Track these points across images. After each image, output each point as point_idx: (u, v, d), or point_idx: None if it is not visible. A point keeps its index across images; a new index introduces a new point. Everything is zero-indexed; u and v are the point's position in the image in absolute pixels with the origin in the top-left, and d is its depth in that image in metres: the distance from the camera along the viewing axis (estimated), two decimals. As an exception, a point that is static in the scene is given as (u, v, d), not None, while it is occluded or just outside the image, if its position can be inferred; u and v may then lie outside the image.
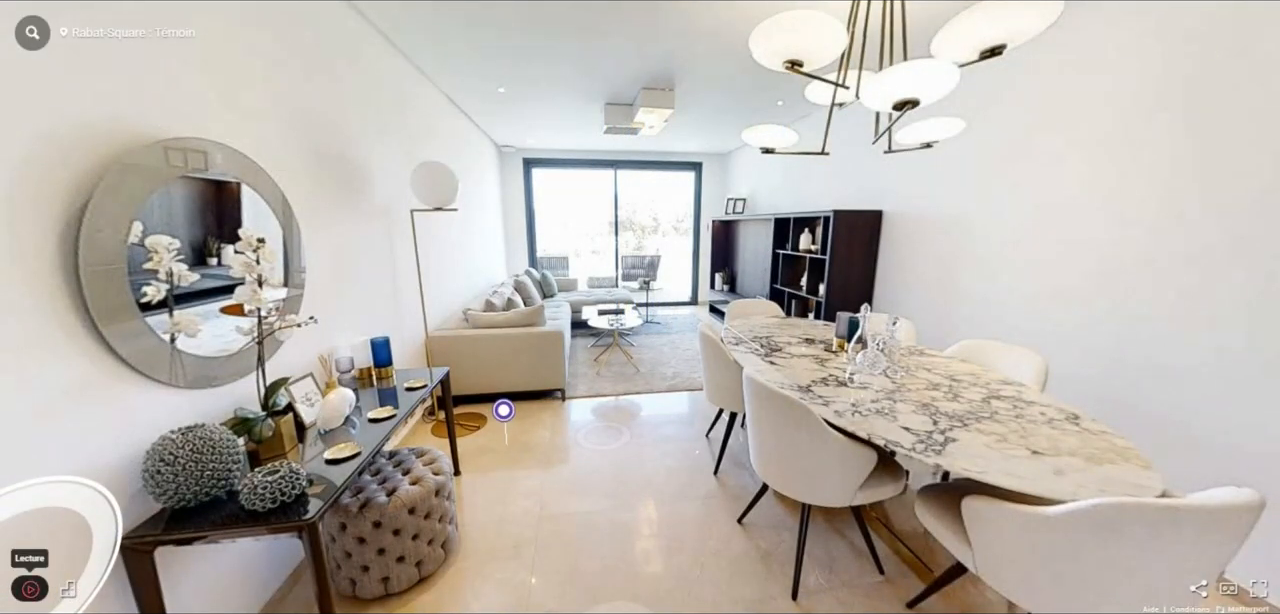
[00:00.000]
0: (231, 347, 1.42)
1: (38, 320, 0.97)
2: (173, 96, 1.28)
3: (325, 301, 1.98)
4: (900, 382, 1.76)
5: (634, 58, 3.07)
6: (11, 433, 0.93)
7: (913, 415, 1.46)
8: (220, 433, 1.19)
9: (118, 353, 1.10)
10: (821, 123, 4.34)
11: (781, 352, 2.20)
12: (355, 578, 1.59)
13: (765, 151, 1.86)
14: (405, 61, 3.03)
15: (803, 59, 1.28)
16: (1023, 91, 2.42)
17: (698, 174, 7.25)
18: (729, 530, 2.01)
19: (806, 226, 4.35)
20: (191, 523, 1.12)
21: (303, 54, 1.91)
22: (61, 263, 1.00)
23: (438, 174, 2.73)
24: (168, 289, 1.15)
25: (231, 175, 1.45)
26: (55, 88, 1.00)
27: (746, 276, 6.18)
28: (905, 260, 3.39)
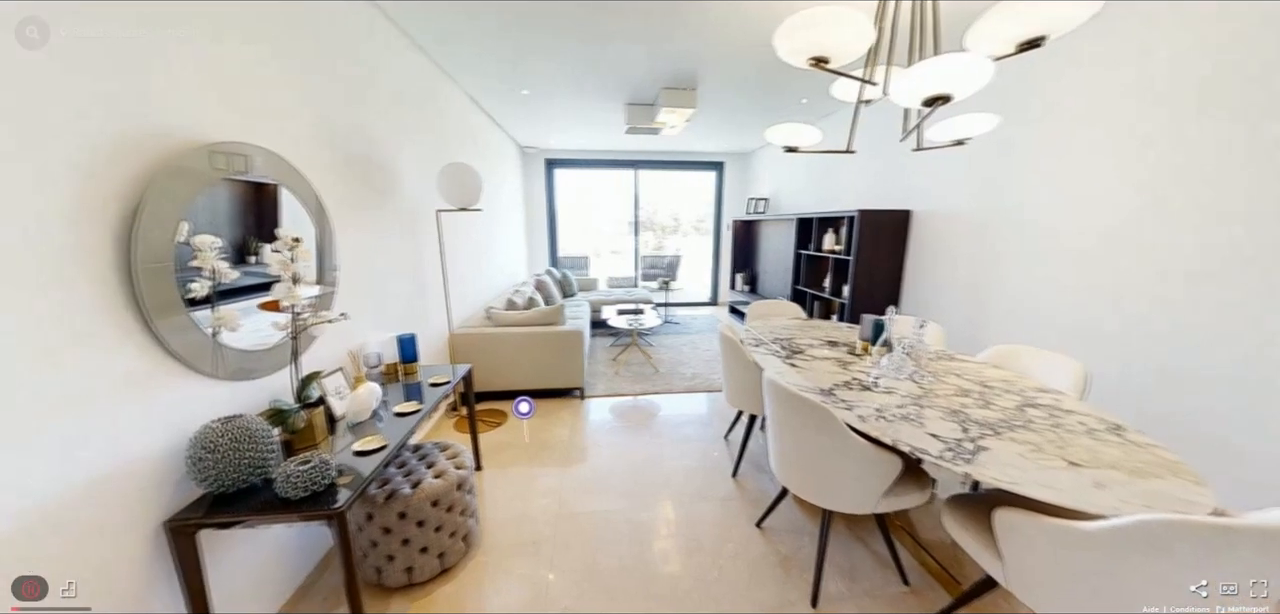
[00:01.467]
0: (268, 341, 1.49)
1: (98, 315, 1.04)
2: (216, 102, 1.35)
3: (355, 299, 2.05)
4: (928, 387, 1.70)
5: (656, 58, 3.07)
6: (77, 418, 1.00)
7: (941, 422, 1.41)
8: (257, 423, 1.25)
9: (166, 346, 1.17)
10: (847, 120, 4.24)
11: (803, 354, 2.16)
12: (381, 567, 1.65)
13: (788, 150, 1.83)
14: (432, 66, 3.11)
15: (828, 56, 1.26)
16: (1063, 85, 2.31)
17: (719, 174, 7.19)
18: (747, 533, 1.99)
19: (830, 227, 4.26)
20: (231, 508, 1.18)
21: (336, 61, 1.98)
22: (117, 261, 1.07)
23: (463, 175, 2.80)
24: (211, 286, 1.21)
25: (270, 177, 1.51)
26: (113, 96, 1.07)
27: (767, 277, 6.09)
28: (934, 261, 3.28)
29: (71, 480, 0.99)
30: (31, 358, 0.92)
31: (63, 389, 0.98)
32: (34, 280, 0.92)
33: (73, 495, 0.99)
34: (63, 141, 0.97)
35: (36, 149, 0.92)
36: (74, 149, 0.99)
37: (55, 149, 0.95)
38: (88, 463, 1.02)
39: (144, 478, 1.14)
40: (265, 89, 1.56)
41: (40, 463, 0.94)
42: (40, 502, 0.93)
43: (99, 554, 1.04)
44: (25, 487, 0.91)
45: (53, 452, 0.96)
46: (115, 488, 1.08)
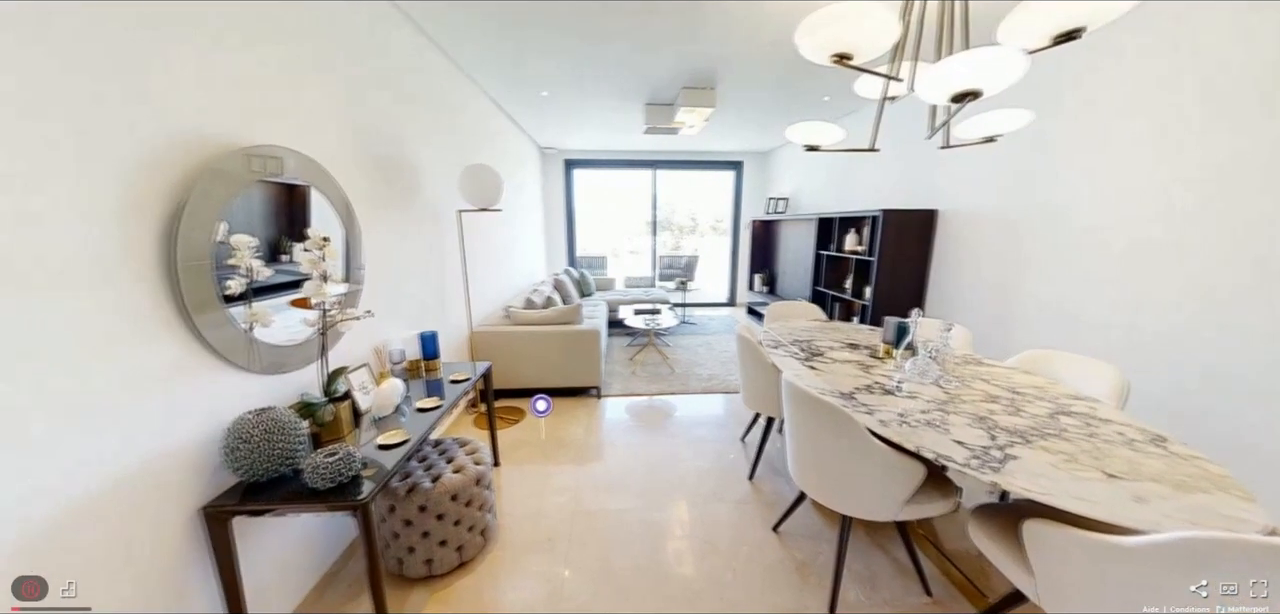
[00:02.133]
0: (298, 337, 1.54)
1: (144, 310, 1.10)
2: (251, 107, 1.41)
3: (380, 297, 2.11)
4: (954, 392, 1.65)
5: (676, 57, 3.07)
6: (126, 406, 1.06)
7: (967, 429, 1.36)
8: (288, 415, 1.29)
9: (205, 340, 1.23)
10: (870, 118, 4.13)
11: (822, 356, 2.12)
12: (402, 558, 1.69)
13: (809, 149, 1.80)
14: (456, 69, 3.17)
15: (852, 52, 1.23)
16: (1103, 78, 2.20)
17: (738, 173, 7.12)
18: (763, 537, 1.96)
19: (852, 227, 4.17)
20: (262, 496, 1.23)
21: (365, 65, 2.04)
22: (161, 259, 1.13)
23: (483, 176, 2.84)
24: (247, 283, 1.26)
25: (301, 179, 1.57)
26: (157, 104, 1.13)
27: (786, 278, 6.00)
28: (961, 263, 3.18)
29: (125, 463, 1.05)
30: (87, 349, 0.98)
31: (116, 379, 1.04)
32: (89, 277, 0.98)
33: (126, 478, 1.05)
34: (115, 148, 1.02)
35: (95, 158, 0.98)
36: (125, 155, 1.04)
37: (109, 156, 1.01)
38: (139, 447, 1.08)
39: (184, 465, 1.19)
40: (298, 94, 1.61)
41: (99, 446, 1.00)
42: (97, 484, 0.99)
43: (142, 537, 1.10)
44: (83, 469, 0.97)
45: (110, 435, 1.02)
46: (159, 473, 1.13)
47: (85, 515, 0.98)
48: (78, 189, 0.96)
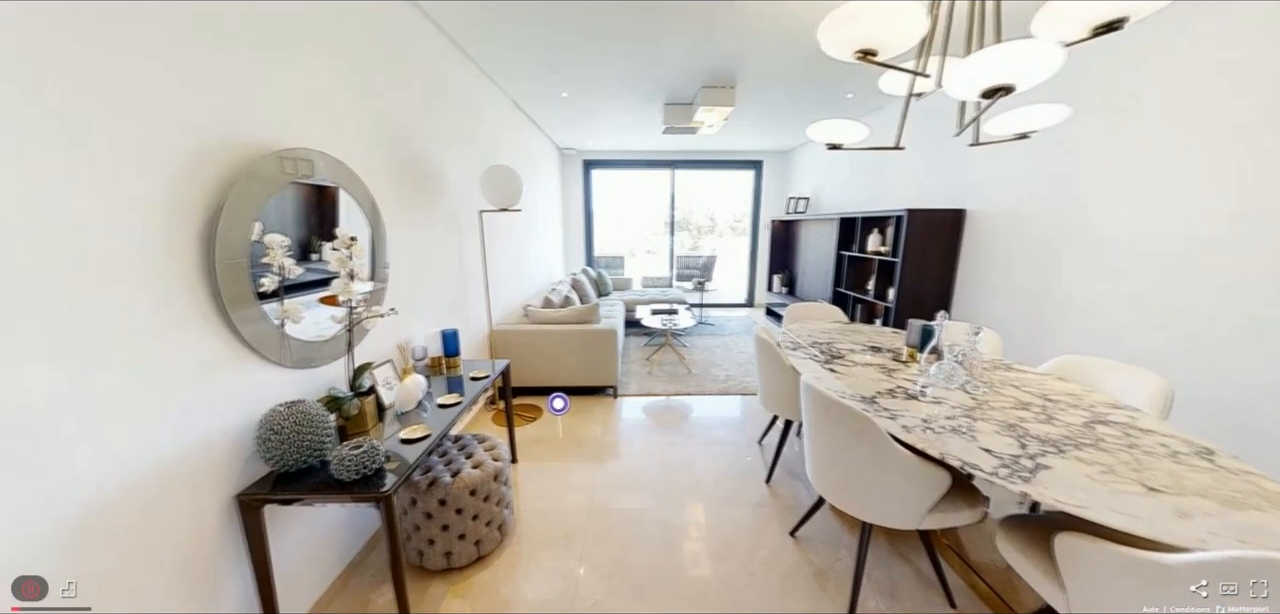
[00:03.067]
0: (326, 333, 1.60)
1: (186, 305, 1.16)
2: (286, 111, 1.47)
3: (403, 295, 2.16)
4: (981, 398, 1.59)
5: (696, 56, 3.05)
6: (169, 394, 1.12)
7: (996, 436, 1.31)
8: (316, 409, 1.34)
9: (241, 334, 1.28)
10: (896, 115, 4.04)
11: (843, 359, 2.08)
12: (422, 550, 1.73)
13: (831, 148, 1.76)
14: (479, 72, 3.23)
15: (876, 48, 1.20)
16: (1147, 72, 2.09)
17: (757, 173, 7.04)
18: (780, 542, 1.94)
19: (876, 227, 4.08)
20: (292, 486, 1.28)
21: (391, 69, 2.10)
22: (201, 257, 1.18)
23: (504, 176, 2.89)
24: (279, 280, 1.31)
25: (331, 180, 1.62)
26: (205, 110, 1.18)
27: (807, 279, 5.91)
28: (991, 264, 3.07)
29: (168, 450, 1.11)
30: (136, 341, 1.04)
31: (161, 369, 1.10)
32: (138, 273, 1.04)
33: (168, 464, 1.11)
34: (162, 152, 1.08)
35: (146, 161, 1.04)
36: (171, 159, 1.10)
37: (158, 159, 1.07)
38: (180, 436, 1.14)
39: (220, 454, 1.25)
40: (328, 98, 1.67)
41: (146, 432, 1.06)
42: (143, 469, 1.05)
43: (182, 522, 1.16)
44: (132, 454, 1.03)
45: (156, 422, 1.08)
46: (198, 461, 1.19)
47: (132, 499, 1.04)
48: (131, 190, 1.02)
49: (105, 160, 0.97)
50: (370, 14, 1.94)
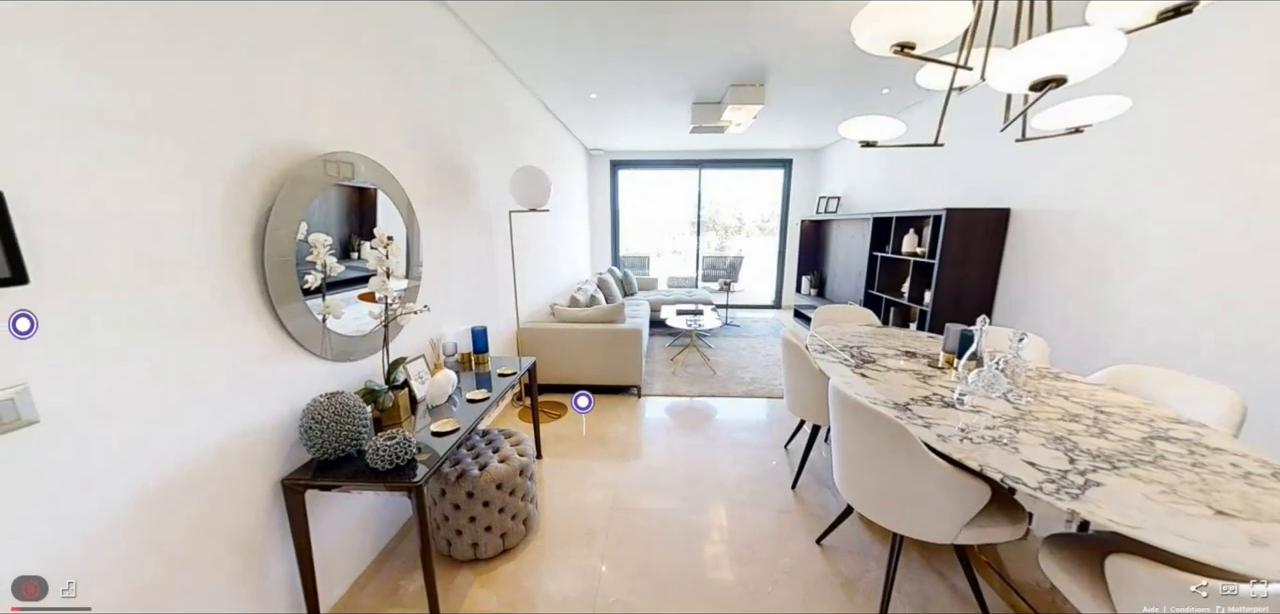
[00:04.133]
0: (364, 328, 1.67)
1: (240, 301, 1.23)
2: (329, 117, 1.54)
3: (436, 292, 2.23)
4: (1025, 408, 1.51)
5: (724, 55, 3.02)
6: (225, 383, 1.20)
7: (1041, 449, 1.24)
8: (354, 400, 1.40)
9: (287, 328, 1.36)
10: (934, 111, 3.87)
11: (875, 364, 2.01)
12: (450, 540, 1.78)
13: (865, 146, 1.71)
14: (510, 74, 3.30)
15: (916, 41, 1.15)
16: (1215, 57, 1.93)
17: (787, 171, 6.90)
18: (806, 549, 1.89)
19: (911, 227, 3.92)
20: (331, 473, 1.34)
21: (427, 74, 2.17)
22: (252, 256, 1.26)
23: (533, 177, 2.94)
24: (322, 278, 1.38)
25: (370, 182, 1.69)
26: (259, 119, 1.26)
27: (837, 281, 5.74)
28: (1038, 267, 2.89)
29: (222, 435, 1.19)
30: (197, 333, 1.12)
31: (218, 359, 1.18)
32: (199, 270, 1.12)
33: (222, 448, 1.19)
34: (221, 159, 1.16)
35: (206, 167, 1.12)
36: (227, 165, 1.18)
37: (216, 165, 1.15)
38: (233, 421, 1.22)
39: (267, 440, 1.33)
40: (368, 103, 1.74)
41: (205, 417, 1.14)
42: (201, 452, 1.13)
43: (234, 503, 1.24)
44: (206, 432, 1.12)
45: (213, 409, 1.16)
46: (248, 446, 1.27)
47: (193, 477, 1.12)
48: (193, 194, 1.10)
49: (177, 168, 1.06)
50: (405, 16, 2.01)
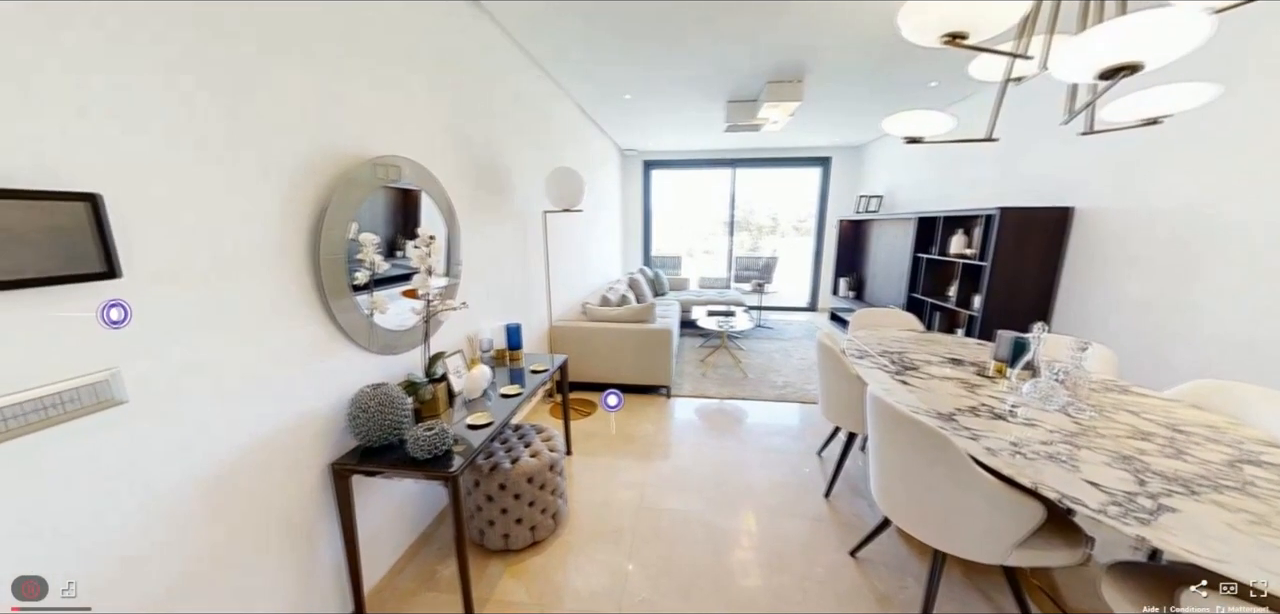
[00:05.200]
0: (406, 323, 1.75)
1: (299, 297, 1.33)
2: (378, 122, 1.62)
3: (473, 290, 2.31)
4: (1087, 423, 1.39)
5: (761, 51, 2.96)
6: (284, 371, 1.29)
7: (1105, 468, 1.14)
8: (397, 392, 1.47)
9: (338, 322, 1.44)
10: (987, 104, 3.65)
11: (917, 371, 1.91)
12: (483, 530, 1.84)
13: (910, 141, 1.63)
14: (546, 77, 3.37)
15: (968, 30, 1.09)
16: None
17: (825, 170, 6.69)
18: (839, 561, 1.83)
19: (960, 227, 3.71)
20: (374, 460, 1.42)
21: (468, 80, 2.25)
22: (308, 254, 1.35)
23: (567, 178, 2.99)
24: (370, 275, 1.46)
25: (414, 184, 1.77)
26: (315, 124, 1.34)
27: (877, 283, 5.51)
28: (1104, 270, 2.67)
29: (282, 419, 1.28)
30: (260, 325, 1.21)
31: (279, 349, 1.27)
32: (262, 267, 1.21)
33: (281, 431, 1.28)
34: (282, 162, 1.25)
35: (270, 172, 1.21)
36: (288, 169, 1.27)
37: (279, 169, 1.24)
38: (291, 407, 1.31)
39: (318, 426, 1.42)
40: (412, 109, 1.83)
41: (266, 402, 1.24)
42: (262, 434, 1.22)
43: (288, 483, 1.33)
44: (267, 417, 1.21)
45: (274, 395, 1.26)
46: (302, 430, 1.36)
47: (254, 458, 1.22)
48: (262, 197, 1.19)
49: (247, 173, 1.15)
50: (448, 24, 2.09)
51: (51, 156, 0.82)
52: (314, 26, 1.35)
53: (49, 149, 0.81)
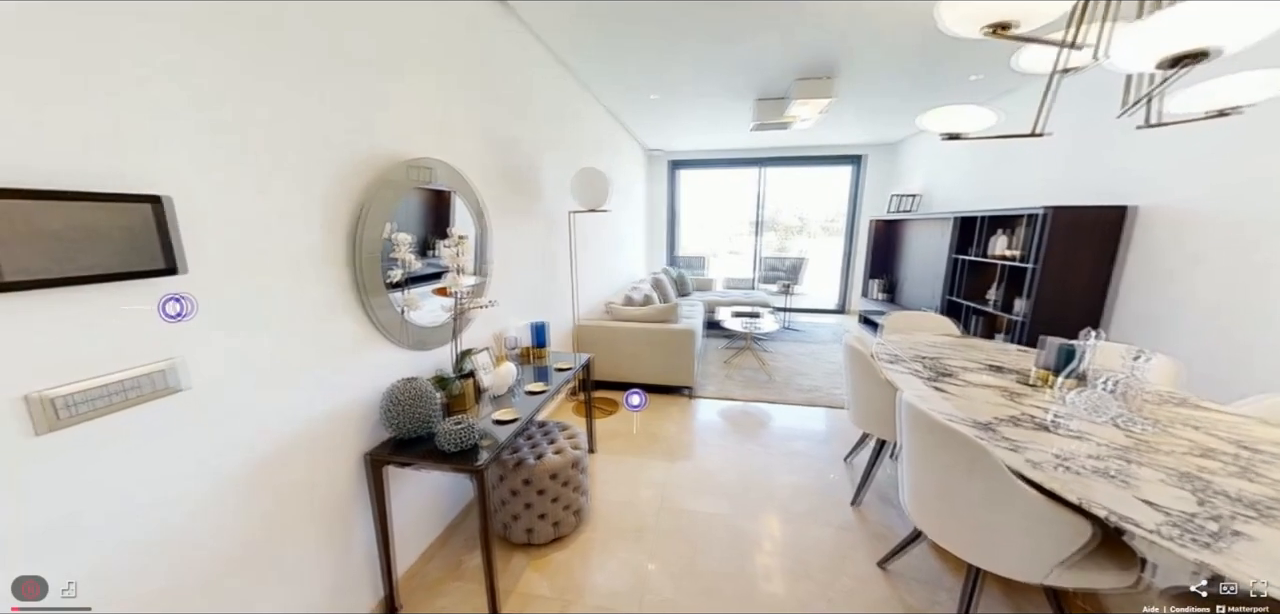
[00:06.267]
0: (437, 320, 1.81)
1: (338, 294, 1.39)
2: (414, 127, 1.68)
3: (501, 288, 2.36)
4: (1143, 437, 1.30)
5: (790, 47, 2.90)
6: (326, 365, 1.36)
7: (1163, 486, 1.06)
8: (428, 386, 1.52)
9: (373, 319, 1.51)
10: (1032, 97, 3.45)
11: (953, 377, 1.83)
12: (507, 524, 1.88)
13: (949, 138, 1.56)
14: (574, 80, 3.41)
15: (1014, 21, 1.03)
16: None
17: (857, 168, 6.49)
18: (867, 572, 1.77)
19: (1003, 227, 3.53)
20: (406, 451, 1.47)
21: (495, 81, 2.31)
22: (347, 252, 1.41)
23: (593, 178, 3.01)
24: (404, 273, 1.51)
25: (446, 185, 1.83)
26: (356, 129, 1.41)
27: (911, 285, 5.31)
28: (1168, 275, 2.48)
29: (323, 409, 1.35)
30: (308, 320, 1.29)
31: (324, 342, 1.34)
32: (308, 266, 1.28)
33: (322, 419, 1.35)
34: (327, 166, 1.32)
35: (315, 179, 1.28)
36: (332, 171, 1.34)
37: (323, 172, 1.31)
38: (332, 397, 1.38)
39: (355, 416, 1.48)
40: (445, 112, 1.88)
41: (312, 391, 1.31)
42: (306, 422, 1.30)
43: (328, 470, 1.40)
44: (308, 407, 1.29)
45: (318, 384, 1.33)
46: (341, 420, 1.43)
47: (296, 445, 1.29)
48: (312, 198, 1.26)
49: (296, 176, 1.22)
50: (481, 27, 2.14)
51: (120, 160, 0.88)
52: (363, 37, 1.42)
53: (120, 152, 0.88)
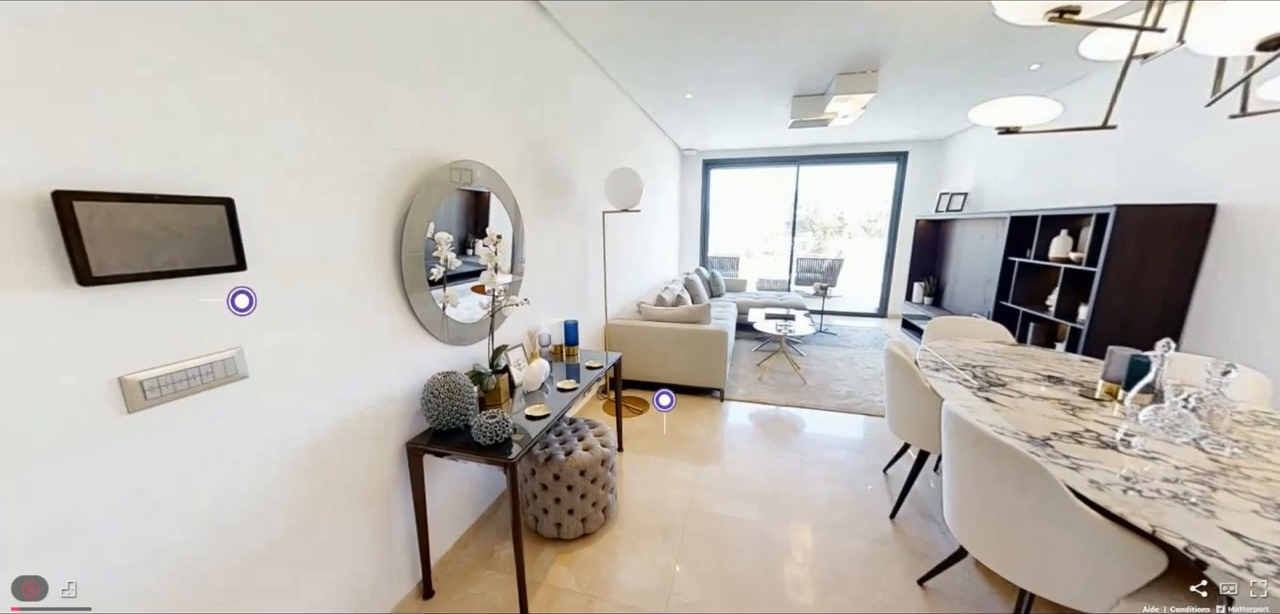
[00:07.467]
0: (474, 317, 1.87)
1: (384, 290, 1.47)
2: (455, 130, 1.75)
3: (534, 287, 2.42)
4: (1229, 460, 1.17)
5: (831, 41, 2.80)
6: (373, 357, 1.45)
7: (1252, 516, 0.95)
8: (464, 380, 1.58)
9: (416, 314, 1.58)
10: (1099, 87, 3.19)
11: (1005, 388, 1.72)
12: (537, 517, 1.92)
13: (1004, 132, 1.46)
14: (609, 81, 3.44)
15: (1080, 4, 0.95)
16: None
17: (901, 165, 6.20)
18: (905, 590, 1.69)
19: (1063, 227, 3.27)
20: (443, 442, 1.53)
21: (532, 84, 2.36)
22: (392, 251, 1.49)
23: (626, 179, 3.03)
24: (444, 271, 1.58)
25: (485, 187, 1.89)
26: (402, 132, 1.48)
27: (958, 288, 5.02)
28: (1262, 281, 2.22)
29: (369, 399, 1.44)
30: (359, 315, 1.37)
31: (371, 336, 1.43)
32: (359, 264, 1.36)
33: (367, 409, 1.43)
34: (376, 168, 1.39)
35: (365, 181, 1.36)
36: (381, 172, 1.41)
37: (373, 173, 1.38)
38: (377, 388, 1.46)
39: (398, 407, 1.56)
40: (484, 115, 1.94)
41: (362, 382, 1.40)
42: (352, 411, 1.38)
43: (371, 458, 1.48)
44: (356, 396, 1.38)
45: (366, 376, 1.41)
46: (385, 409, 1.51)
47: (344, 433, 1.37)
48: (365, 197, 1.34)
49: (348, 177, 1.30)
50: (519, 33, 2.19)
51: (194, 163, 0.97)
52: (425, 42, 1.52)
53: (192, 157, 0.97)
